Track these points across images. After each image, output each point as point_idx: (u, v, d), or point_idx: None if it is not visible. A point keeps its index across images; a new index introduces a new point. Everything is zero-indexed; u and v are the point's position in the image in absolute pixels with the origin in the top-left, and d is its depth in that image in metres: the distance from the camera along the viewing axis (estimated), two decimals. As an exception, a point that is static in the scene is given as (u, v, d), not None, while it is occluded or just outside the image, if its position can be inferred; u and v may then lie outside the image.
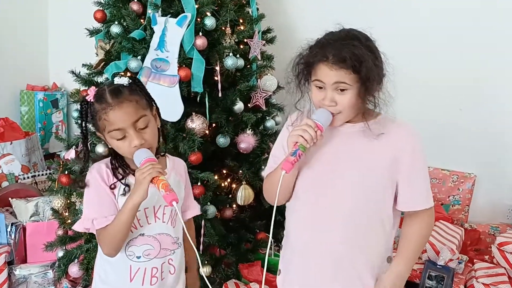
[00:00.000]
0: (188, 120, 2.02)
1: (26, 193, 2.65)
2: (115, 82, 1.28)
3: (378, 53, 1.22)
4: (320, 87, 1.22)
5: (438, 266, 1.95)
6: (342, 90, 1.19)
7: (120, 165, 1.32)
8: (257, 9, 2.37)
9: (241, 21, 2.23)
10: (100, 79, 2.23)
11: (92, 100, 1.26)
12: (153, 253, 1.34)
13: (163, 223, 1.35)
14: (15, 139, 2.89)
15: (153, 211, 1.34)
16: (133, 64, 1.98)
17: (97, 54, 2.24)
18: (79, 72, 2.29)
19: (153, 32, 2.03)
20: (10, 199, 2.58)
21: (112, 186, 1.30)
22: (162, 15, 2.01)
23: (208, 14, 2.00)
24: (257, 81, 2.28)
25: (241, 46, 2.21)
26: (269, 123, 2.31)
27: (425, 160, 1.29)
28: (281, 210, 2.48)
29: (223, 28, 2.07)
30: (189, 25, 1.95)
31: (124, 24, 2.09)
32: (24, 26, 3.39)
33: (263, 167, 2.25)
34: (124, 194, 1.29)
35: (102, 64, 2.11)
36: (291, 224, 1.38)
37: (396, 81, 1.24)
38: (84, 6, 3.26)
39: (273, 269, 2.29)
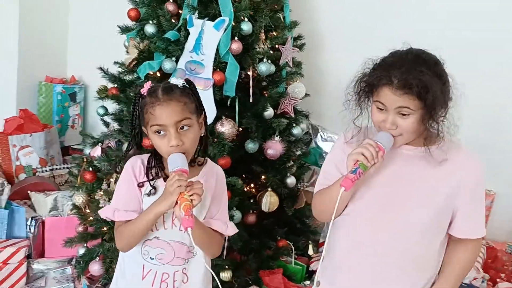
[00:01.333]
0: (218, 123, 2.01)
1: (44, 186, 2.64)
2: (171, 82, 1.30)
3: (446, 78, 1.19)
4: (381, 109, 1.20)
5: (463, 284, 1.95)
6: (404, 114, 1.18)
7: (156, 165, 1.32)
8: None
9: (273, 27, 2.22)
10: (130, 77, 2.22)
11: (144, 94, 1.28)
12: (166, 259, 1.33)
13: (179, 231, 1.32)
14: (35, 131, 2.88)
15: (170, 216, 1.31)
16: (168, 65, 1.97)
17: (127, 52, 2.24)
18: (107, 69, 2.29)
19: (187, 34, 2.03)
20: (29, 192, 2.57)
21: (140, 185, 1.31)
22: (198, 18, 2.00)
23: (245, 19, 1.99)
24: (285, 88, 2.28)
25: (272, 52, 2.20)
26: (296, 130, 2.31)
27: (484, 189, 1.30)
28: (301, 217, 2.48)
29: (258, 33, 2.06)
30: (226, 29, 1.94)
31: (158, 24, 2.08)
32: (45, 18, 3.37)
33: (288, 174, 2.25)
34: (148, 195, 1.30)
35: (134, 63, 2.10)
36: (340, 242, 1.35)
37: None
38: (106, 1, 3.30)
39: (293, 277, 2.30)
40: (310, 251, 2.49)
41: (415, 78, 1.13)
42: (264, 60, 2.06)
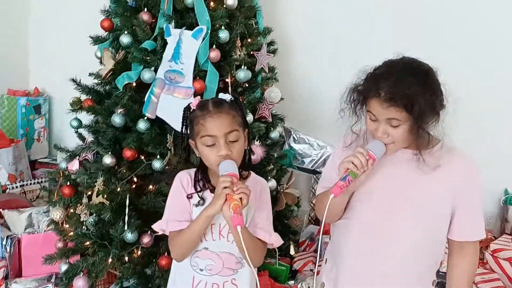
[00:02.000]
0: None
1: (17, 203, 2.55)
2: (220, 97, 1.39)
3: (436, 87, 1.21)
4: (373, 120, 1.24)
5: (441, 273, 2.05)
6: (394, 126, 1.21)
7: (202, 178, 1.39)
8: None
9: (247, 34, 2.26)
10: (105, 88, 2.19)
11: (194, 108, 1.36)
12: (215, 270, 1.37)
13: (227, 242, 1.37)
14: (2, 147, 2.78)
15: (218, 228, 1.37)
16: (147, 75, 1.97)
17: (101, 62, 2.21)
18: (80, 80, 2.25)
19: (164, 43, 2.03)
20: (1, 210, 2.48)
21: (189, 196, 1.38)
22: (175, 27, 2.01)
23: (222, 27, 2.01)
24: (261, 93, 2.32)
25: (248, 59, 2.23)
26: (274, 134, 2.36)
27: (481, 191, 1.33)
28: (281, 218, 2.52)
29: (235, 41, 2.09)
30: (204, 38, 1.96)
31: (133, 33, 2.07)
32: (5, 30, 3.26)
33: (269, 177, 2.29)
34: (196, 205, 1.36)
35: (110, 73, 2.08)
36: (344, 245, 1.39)
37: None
38: (66, 11, 3.23)
39: (279, 278, 2.34)
40: (292, 251, 2.55)
41: (401, 91, 1.15)
42: (242, 66, 2.09)
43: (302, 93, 2.92)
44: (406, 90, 1.15)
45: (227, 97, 1.38)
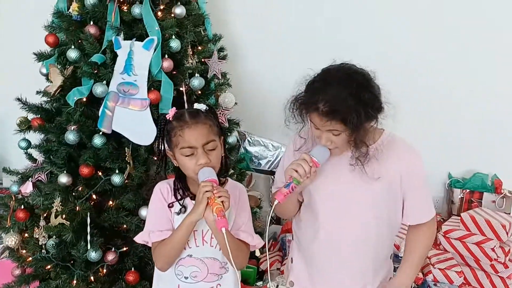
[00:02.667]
0: (157, 142, 2.01)
1: (-36, 233, 2.40)
2: (195, 107, 1.41)
3: (372, 96, 1.25)
4: (316, 128, 1.29)
5: (400, 258, 2.16)
6: (335, 134, 1.27)
7: (182, 186, 1.41)
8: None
9: (197, 41, 2.26)
10: (54, 105, 2.12)
11: (170, 119, 1.38)
12: (200, 276, 1.40)
13: (211, 247, 1.40)
14: None
15: (201, 234, 1.39)
16: (99, 89, 1.92)
17: (47, 79, 2.13)
18: (26, 99, 2.16)
19: (114, 56, 2.00)
20: None
21: (170, 205, 1.39)
22: (124, 39, 1.98)
23: (173, 36, 2.01)
24: (215, 99, 2.34)
25: (202, 66, 2.24)
26: (231, 139, 2.38)
27: (425, 175, 1.42)
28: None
29: (186, 49, 2.09)
30: (155, 48, 1.95)
31: (80, 48, 2.02)
32: None
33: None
34: (178, 213, 1.38)
35: (59, 90, 2.01)
36: (309, 241, 1.47)
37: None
38: (5, 28, 3.07)
39: (248, 280, 2.37)
40: (257, 253, 2.57)
41: (337, 107, 1.20)
42: (196, 74, 2.10)
43: (253, 96, 2.96)
44: (341, 107, 1.21)
45: (201, 106, 1.41)
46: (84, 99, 2.00)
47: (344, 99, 1.20)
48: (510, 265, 2.28)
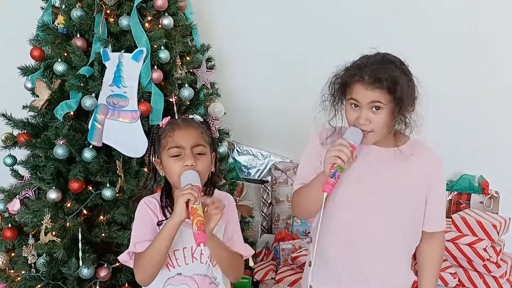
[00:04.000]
0: (148, 153, 1.98)
1: None
2: (190, 117, 1.43)
3: (411, 76, 1.31)
4: (356, 105, 1.29)
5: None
6: (377, 108, 1.26)
7: (169, 203, 1.34)
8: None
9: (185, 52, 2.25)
10: (41, 120, 2.07)
11: (163, 125, 1.38)
12: None
13: (201, 264, 1.35)
14: None
15: (190, 251, 1.34)
16: (88, 102, 1.89)
17: (33, 94, 2.09)
18: (11, 115, 2.12)
19: (101, 68, 1.97)
20: None
21: (159, 223, 1.33)
22: (112, 51, 1.96)
23: (161, 47, 2.00)
24: (204, 109, 2.32)
25: (191, 77, 2.22)
26: (222, 148, 2.37)
27: (445, 184, 1.46)
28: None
29: (175, 60, 2.08)
30: (145, 59, 1.93)
31: (67, 61, 1.99)
32: None
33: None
34: None
35: (46, 104, 1.97)
36: (328, 245, 1.42)
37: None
38: None
39: (243, 292, 2.34)
40: (251, 263, 2.53)
41: (384, 74, 1.23)
42: (186, 85, 2.09)
43: (241, 106, 2.96)
44: (390, 72, 1.24)
45: (197, 117, 1.42)
46: (72, 113, 1.98)
47: (390, 69, 1.25)
48: (503, 265, 2.31)
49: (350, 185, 1.36)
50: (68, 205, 1.94)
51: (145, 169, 1.96)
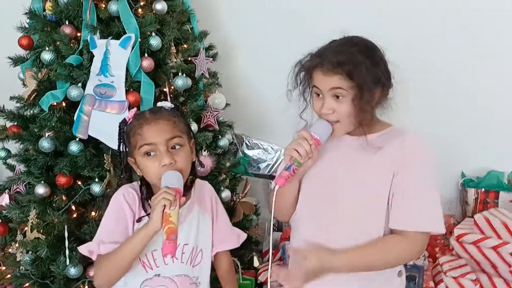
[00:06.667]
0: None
1: None
2: (158, 104, 1.26)
3: (378, 59, 1.18)
4: (318, 94, 1.19)
5: (408, 266, 1.98)
6: (338, 97, 1.16)
7: (150, 196, 1.20)
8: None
9: (182, 39, 2.13)
10: (30, 112, 1.99)
11: (130, 120, 1.23)
12: None
13: (181, 264, 1.25)
14: None
15: None
16: (74, 92, 1.80)
17: (23, 84, 2.01)
18: (3, 106, 2.05)
19: (91, 56, 1.87)
20: None
21: (138, 220, 1.21)
22: (100, 38, 1.85)
23: (152, 33, 1.88)
24: (204, 100, 2.20)
25: (186, 65, 2.10)
26: (223, 142, 2.24)
27: (430, 177, 1.18)
28: (241, 230, 2.41)
29: (169, 47, 1.96)
30: (133, 46, 1.82)
31: (55, 49, 1.90)
32: None
33: (222, 187, 2.17)
34: None
35: (34, 95, 1.89)
36: (296, 242, 1.31)
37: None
38: None
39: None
40: (256, 263, 2.42)
41: (342, 57, 1.12)
42: (180, 74, 1.96)
43: (249, 97, 2.81)
44: (347, 58, 1.12)
45: (166, 104, 1.27)
46: (64, 104, 1.89)
47: (351, 53, 1.14)
48: (532, 271, 2.08)
49: (314, 180, 1.26)
50: (58, 199, 1.86)
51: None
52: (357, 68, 1.12)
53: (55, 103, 1.86)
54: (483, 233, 2.11)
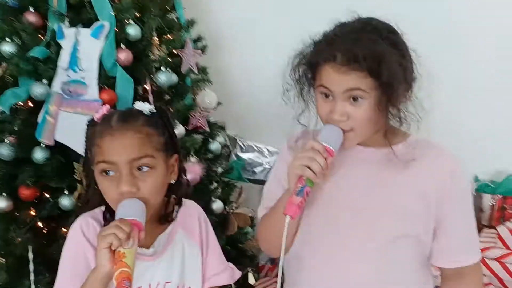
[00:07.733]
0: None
1: None
2: (135, 106, 1.01)
3: (406, 50, 0.93)
4: (327, 95, 0.93)
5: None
6: (355, 99, 0.90)
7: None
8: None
9: (167, 29, 1.88)
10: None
11: (98, 120, 1.01)
12: None
13: None
14: None
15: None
16: (38, 90, 1.55)
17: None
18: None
19: (60, 48, 1.62)
20: None
21: None
22: (70, 26, 1.60)
23: (130, 21, 1.63)
24: (192, 99, 1.96)
25: (170, 59, 1.86)
26: (214, 145, 2.01)
27: (471, 198, 1.02)
28: (235, 243, 2.17)
29: (150, 37, 1.71)
30: (108, 36, 1.57)
31: (20, 41, 1.65)
32: None
33: (213, 198, 1.94)
34: None
35: (-8, 94, 1.64)
36: (303, 279, 1.05)
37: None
38: None
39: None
40: (251, 280, 2.19)
41: (363, 48, 0.86)
42: (162, 68, 1.72)
43: (242, 94, 2.57)
44: (371, 47, 0.86)
45: (146, 108, 1.01)
46: (31, 104, 1.64)
47: (372, 42, 0.87)
48: None
49: (328, 203, 0.99)
50: (20, 215, 1.62)
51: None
52: (383, 62, 0.86)
53: (20, 104, 1.61)
54: (508, 247, 1.90)
